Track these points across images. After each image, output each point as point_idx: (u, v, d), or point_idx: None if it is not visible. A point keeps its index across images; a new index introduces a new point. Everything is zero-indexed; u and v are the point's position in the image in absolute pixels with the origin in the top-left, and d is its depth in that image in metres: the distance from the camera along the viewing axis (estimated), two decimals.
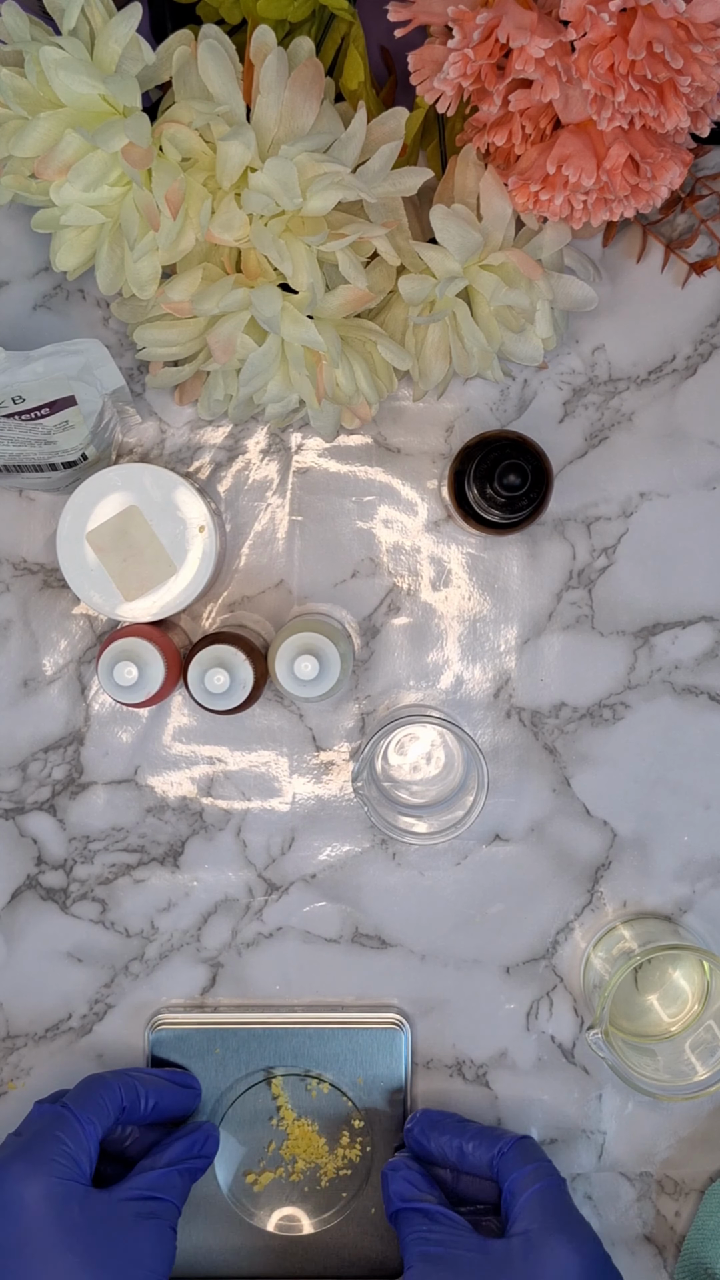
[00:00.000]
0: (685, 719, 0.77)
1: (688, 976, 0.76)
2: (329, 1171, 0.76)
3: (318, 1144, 0.76)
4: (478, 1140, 0.71)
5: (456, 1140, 0.71)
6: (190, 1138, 0.71)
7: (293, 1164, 0.76)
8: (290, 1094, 0.76)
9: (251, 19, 0.65)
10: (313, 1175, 0.76)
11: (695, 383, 0.76)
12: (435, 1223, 0.67)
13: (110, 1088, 0.70)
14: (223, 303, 0.63)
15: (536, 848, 0.77)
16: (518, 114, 0.61)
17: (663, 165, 0.62)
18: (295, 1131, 0.76)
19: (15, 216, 0.75)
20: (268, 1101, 0.76)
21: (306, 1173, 0.76)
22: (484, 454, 0.70)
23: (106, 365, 0.68)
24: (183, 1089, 0.73)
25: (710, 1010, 0.74)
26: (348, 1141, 0.76)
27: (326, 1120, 0.76)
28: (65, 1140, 0.66)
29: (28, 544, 0.76)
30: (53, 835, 0.77)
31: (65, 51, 0.59)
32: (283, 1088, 0.76)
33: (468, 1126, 0.72)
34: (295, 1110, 0.76)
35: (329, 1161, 0.76)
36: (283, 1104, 0.76)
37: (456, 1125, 0.72)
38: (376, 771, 0.76)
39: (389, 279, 0.68)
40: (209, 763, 0.77)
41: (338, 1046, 0.76)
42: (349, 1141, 0.76)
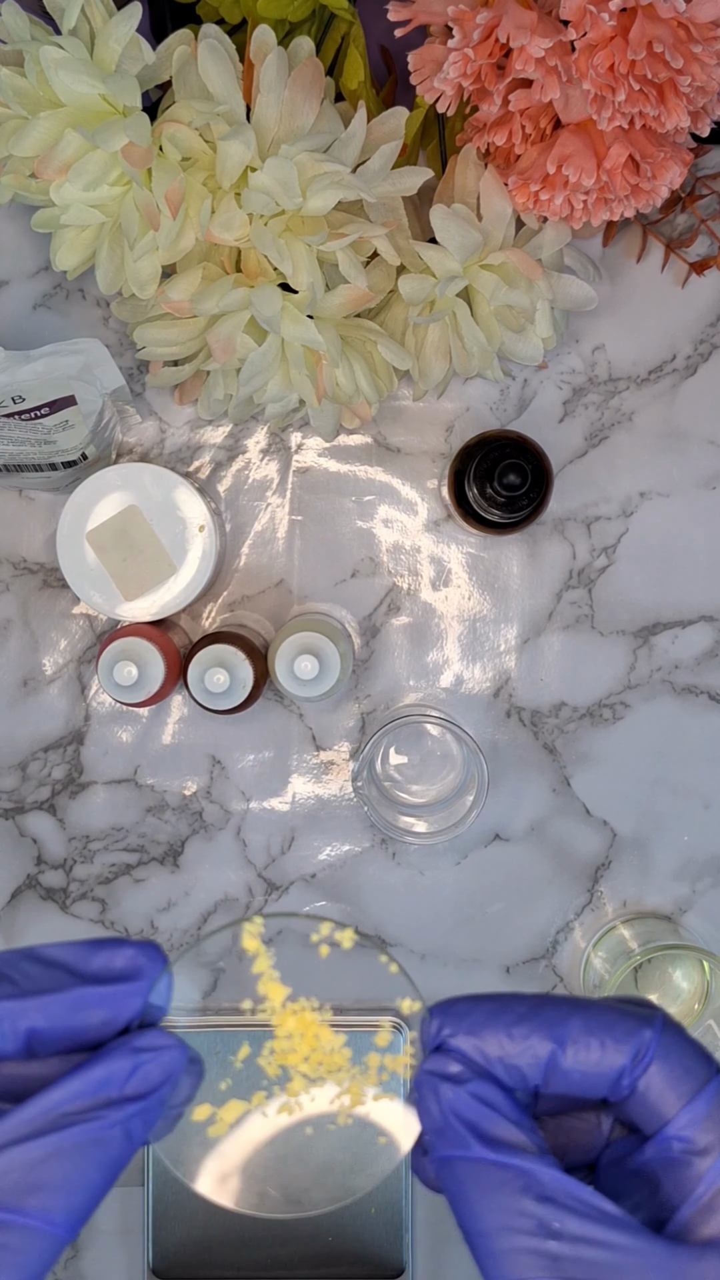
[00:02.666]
0: (685, 719, 0.77)
1: (688, 976, 0.76)
2: (353, 1096, 0.41)
3: (330, 1045, 0.42)
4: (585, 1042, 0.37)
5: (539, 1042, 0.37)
6: (100, 1065, 0.37)
7: (283, 1083, 0.41)
8: (279, 956, 0.43)
9: (251, 19, 0.65)
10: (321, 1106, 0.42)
11: (695, 382, 0.76)
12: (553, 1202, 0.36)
13: None
14: (223, 302, 0.63)
15: (536, 847, 0.77)
16: (518, 114, 0.61)
17: (663, 165, 0.62)
18: (288, 1022, 0.42)
19: (15, 216, 0.75)
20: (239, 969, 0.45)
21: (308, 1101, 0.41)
22: (484, 454, 0.70)
23: (106, 365, 0.68)
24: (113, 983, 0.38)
25: (710, 1010, 0.74)
26: (386, 1042, 0.43)
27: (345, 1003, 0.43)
28: None
29: (28, 544, 0.76)
30: (53, 835, 0.77)
31: (65, 51, 0.59)
32: (266, 943, 0.42)
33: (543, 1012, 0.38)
34: (288, 983, 0.42)
35: (353, 1079, 0.42)
36: (264, 971, 0.42)
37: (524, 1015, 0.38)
38: (376, 771, 0.76)
39: (389, 279, 0.68)
40: (209, 762, 0.77)
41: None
42: (390, 1041, 0.42)
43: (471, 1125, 0.37)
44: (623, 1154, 0.39)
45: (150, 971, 0.38)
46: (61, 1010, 0.37)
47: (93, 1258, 0.77)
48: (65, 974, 0.38)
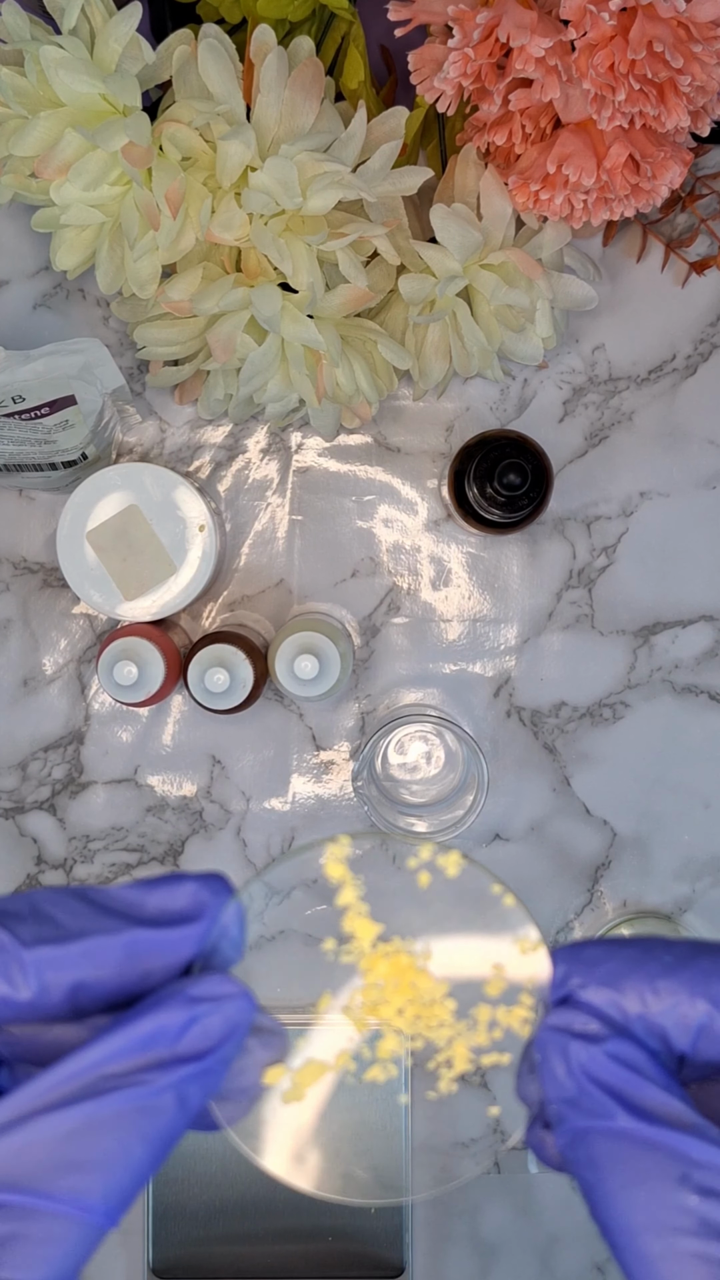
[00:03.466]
0: (685, 718, 0.77)
1: None
2: (458, 1060, 0.34)
3: (430, 995, 0.34)
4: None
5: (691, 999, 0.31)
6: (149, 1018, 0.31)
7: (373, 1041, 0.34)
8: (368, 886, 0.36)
9: (251, 18, 0.65)
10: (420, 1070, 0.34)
11: (695, 382, 0.76)
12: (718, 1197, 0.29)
13: None
14: (223, 302, 0.63)
15: (536, 847, 0.77)
16: (518, 113, 0.61)
17: (663, 164, 0.62)
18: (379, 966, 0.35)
19: (15, 216, 0.75)
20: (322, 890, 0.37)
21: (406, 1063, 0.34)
22: (484, 453, 0.70)
23: (106, 364, 0.68)
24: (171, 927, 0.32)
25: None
26: (498, 991, 0.34)
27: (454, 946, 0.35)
28: None
29: (28, 543, 0.76)
30: (53, 835, 0.77)
31: (65, 51, 0.59)
32: (353, 869, 0.36)
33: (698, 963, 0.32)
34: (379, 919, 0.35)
35: (458, 1037, 0.34)
36: (351, 904, 0.36)
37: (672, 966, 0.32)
38: (376, 771, 0.76)
39: (389, 278, 0.68)
40: (209, 762, 0.77)
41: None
42: (504, 989, 0.34)
43: (613, 1090, 0.30)
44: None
45: (214, 910, 0.32)
46: (111, 958, 0.31)
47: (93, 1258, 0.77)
48: (118, 917, 0.31)
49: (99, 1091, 0.29)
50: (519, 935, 0.34)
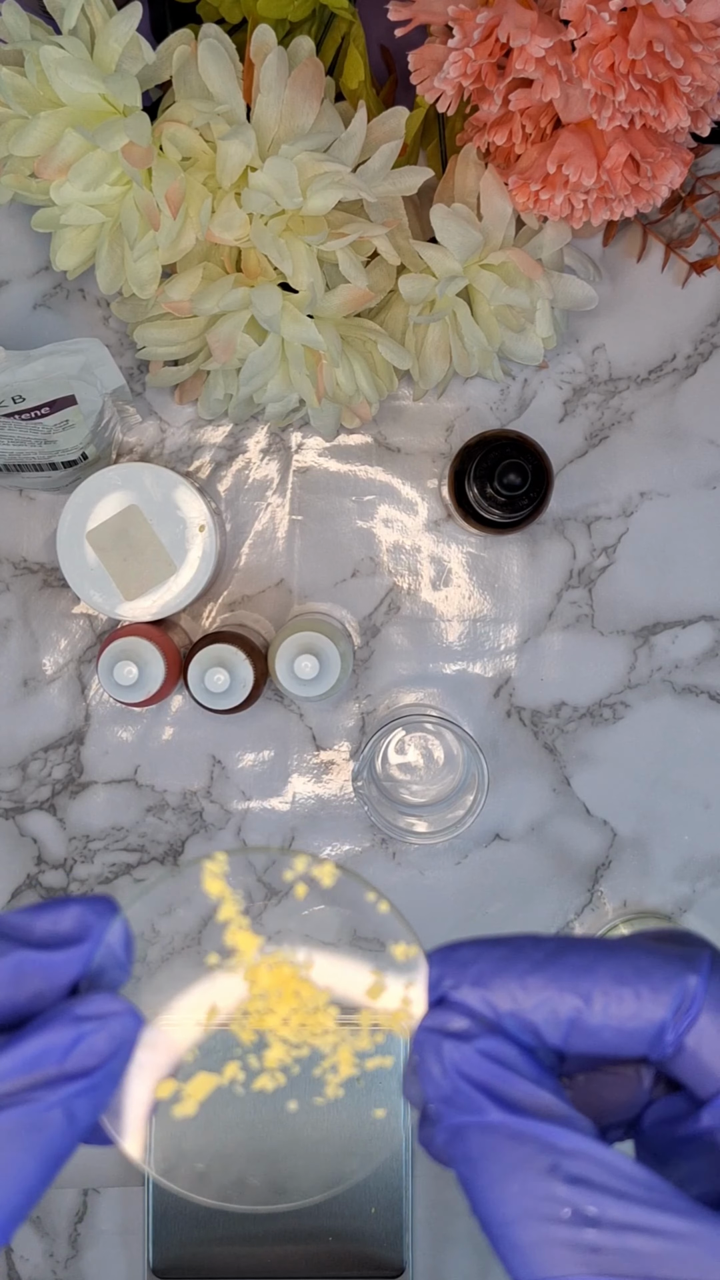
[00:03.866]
0: (685, 719, 0.77)
1: None
2: (343, 1064, 0.35)
3: (313, 1002, 0.35)
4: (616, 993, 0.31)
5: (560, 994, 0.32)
6: (36, 1038, 0.32)
7: (260, 1050, 0.35)
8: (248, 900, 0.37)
9: (251, 18, 0.65)
10: (306, 1076, 0.35)
11: (695, 382, 0.76)
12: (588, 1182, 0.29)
13: None
14: (223, 302, 0.63)
15: (536, 847, 0.77)
16: (518, 113, 0.61)
17: (663, 165, 0.62)
18: (263, 978, 0.35)
19: (15, 216, 0.75)
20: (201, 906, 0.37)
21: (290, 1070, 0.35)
22: (484, 453, 0.70)
23: (106, 364, 0.68)
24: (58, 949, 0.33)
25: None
26: (378, 995, 0.35)
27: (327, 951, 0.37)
28: None
29: (28, 543, 0.76)
30: (53, 834, 0.77)
31: (65, 51, 0.59)
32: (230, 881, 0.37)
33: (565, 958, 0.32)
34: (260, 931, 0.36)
35: (342, 1042, 0.35)
36: (232, 918, 0.37)
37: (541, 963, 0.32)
38: (376, 771, 0.76)
39: (389, 278, 0.68)
40: (209, 762, 0.77)
41: None
42: (377, 986, 0.35)
43: (484, 1086, 0.31)
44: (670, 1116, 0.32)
45: (100, 931, 0.33)
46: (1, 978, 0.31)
47: (93, 1258, 0.77)
48: (4, 940, 0.32)
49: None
50: (395, 941, 0.35)
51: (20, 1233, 0.77)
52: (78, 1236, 0.77)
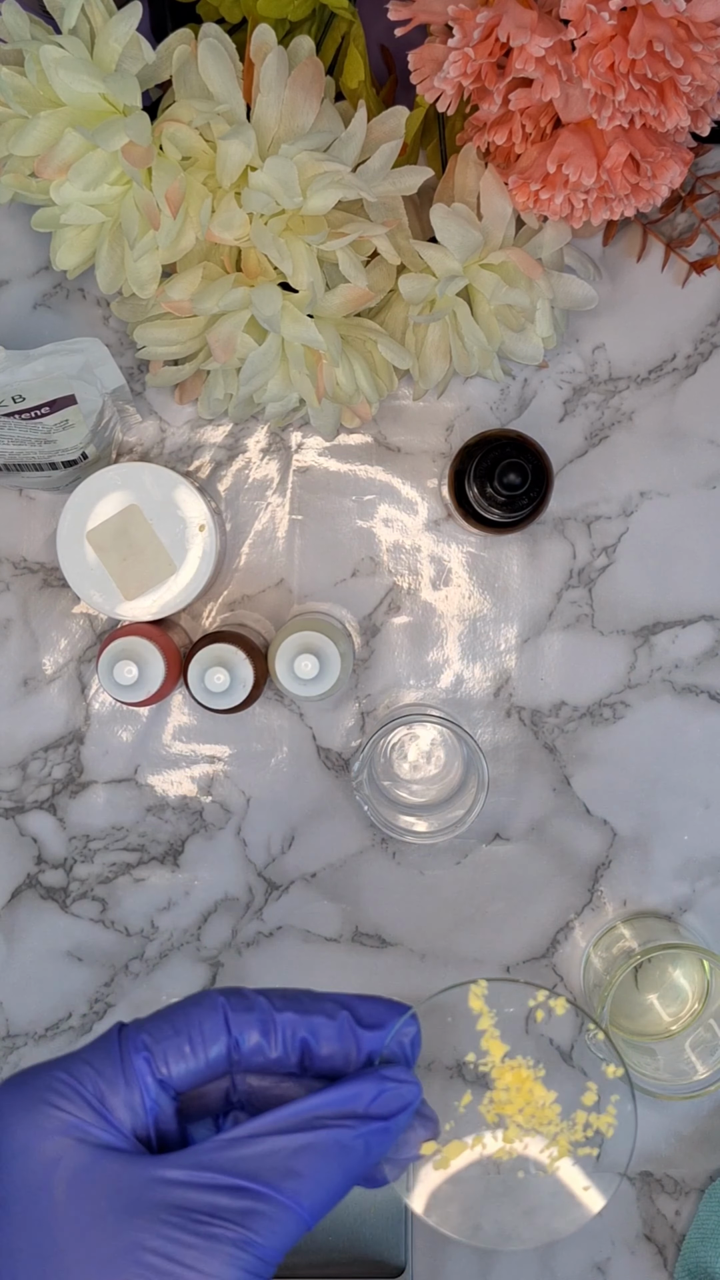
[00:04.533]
0: (685, 718, 0.77)
1: (688, 975, 0.76)
2: (561, 1148, 0.46)
3: (542, 1100, 0.46)
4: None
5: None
6: (351, 1086, 0.43)
7: (500, 1130, 0.47)
8: (499, 1012, 0.47)
9: (251, 18, 0.65)
10: (530, 1160, 0.47)
11: (695, 382, 0.76)
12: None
13: (211, 1008, 0.43)
14: (223, 302, 0.63)
15: (536, 847, 0.77)
16: (518, 113, 0.61)
17: (663, 164, 0.62)
18: (506, 1076, 0.47)
19: (15, 215, 0.75)
20: (465, 1016, 0.47)
21: (520, 1148, 0.47)
22: (484, 453, 0.70)
23: (106, 364, 0.68)
24: (367, 1029, 0.44)
25: (710, 1009, 0.74)
26: (593, 1101, 0.47)
27: (555, 1062, 0.48)
28: (72, 1077, 0.41)
29: (28, 543, 0.76)
30: (53, 834, 0.77)
31: (65, 50, 0.59)
32: (489, 1003, 0.47)
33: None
34: (507, 1042, 0.47)
35: (561, 1133, 0.46)
36: (487, 1029, 0.47)
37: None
38: (376, 770, 0.76)
39: (389, 278, 0.68)
40: (209, 762, 0.77)
41: None
42: (596, 1101, 0.47)
43: None
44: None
45: (393, 1024, 0.44)
46: (330, 1033, 0.43)
47: None
48: (344, 1011, 0.44)
49: (314, 1127, 0.41)
50: (607, 1063, 0.47)
51: None
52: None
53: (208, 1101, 0.45)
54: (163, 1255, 0.38)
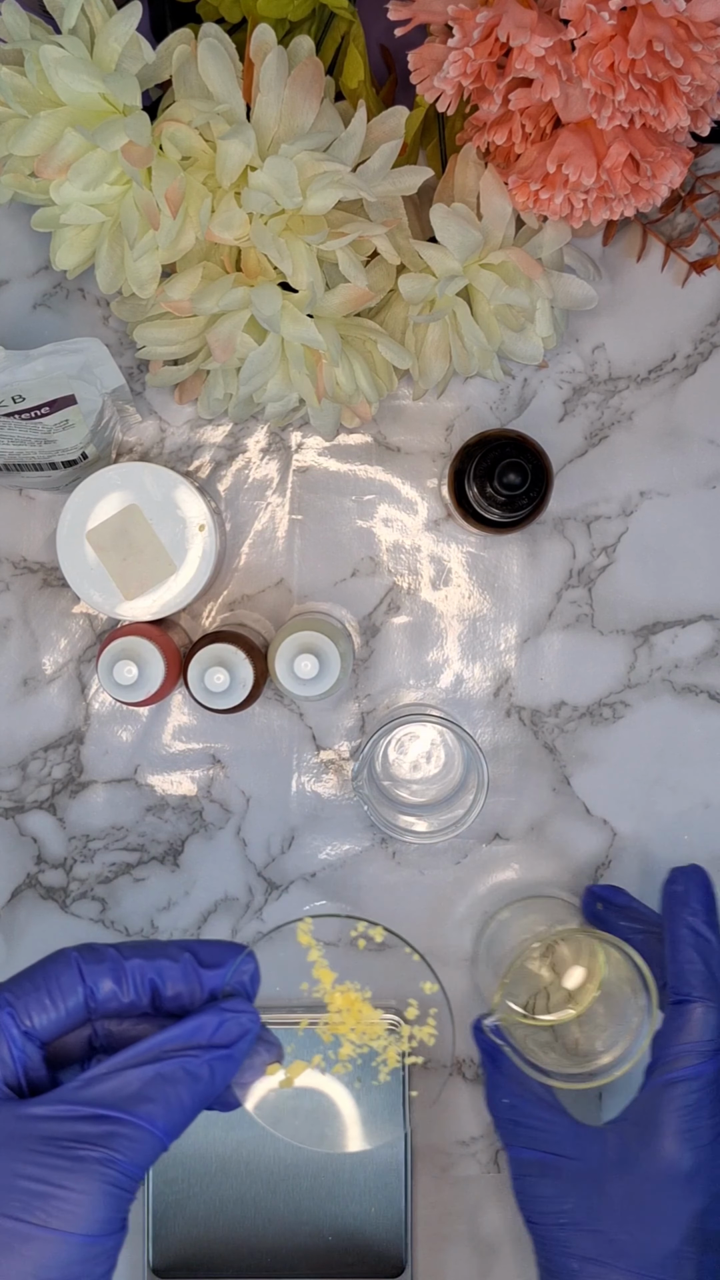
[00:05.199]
0: (685, 718, 0.77)
1: (585, 960, 0.74)
2: (391, 1059, 0.55)
3: (370, 1018, 0.54)
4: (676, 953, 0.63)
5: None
6: (194, 1020, 0.48)
7: (335, 1048, 0.55)
8: (326, 947, 0.55)
9: (251, 18, 0.65)
10: (366, 1066, 0.55)
11: (695, 382, 0.76)
12: (519, 1122, 0.62)
13: (65, 963, 0.49)
14: (222, 301, 0.63)
15: (536, 847, 0.77)
16: (518, 113, 0.61)
17: (663, 164, 0.62)
18: (337, 1000, 0.55)
19: (15, 215, 0.75)
20: (297, 950, 0.55)
21: (357, 1062, 0.55)
22: (484, 453, 0.70)
23: (106, 364, 0.68)
24: (207, 969, 0.50)
25: (605, 994, 0.72)
26: (415, 1015, 0.55)
27: (383, 985, 0.56)
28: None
29: (28, 543, 0.76)
30: (52, 834, 0.77)
31: (65, 50, 0.59)
32: (316, 937, 0.55)
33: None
34: (335, 970, 0.55)
35: (391, 1045, 0.55)
36: (316, 960, 0.55)
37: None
38: (376, 770, 0.76)
39: (389, 278, 0.68)
40: (209, 761, 0.77)
41: None
42: (418, 1015, 0.55)
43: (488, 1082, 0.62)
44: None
45: (233, 963, 0.50)
46: (175, 975, 0.49)
47: None
48: (186, 954, 0.50)
49: (163, 1059, 0.47)
50: (424, 980, 0.55)
51: None
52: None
53: (73, 1048, 0.50)
54: (37, 1180, 0.44)
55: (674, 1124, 0.61)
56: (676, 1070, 0.61)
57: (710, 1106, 0.61)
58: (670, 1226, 0.61)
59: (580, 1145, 0.63)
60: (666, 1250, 0.61)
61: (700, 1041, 0.62)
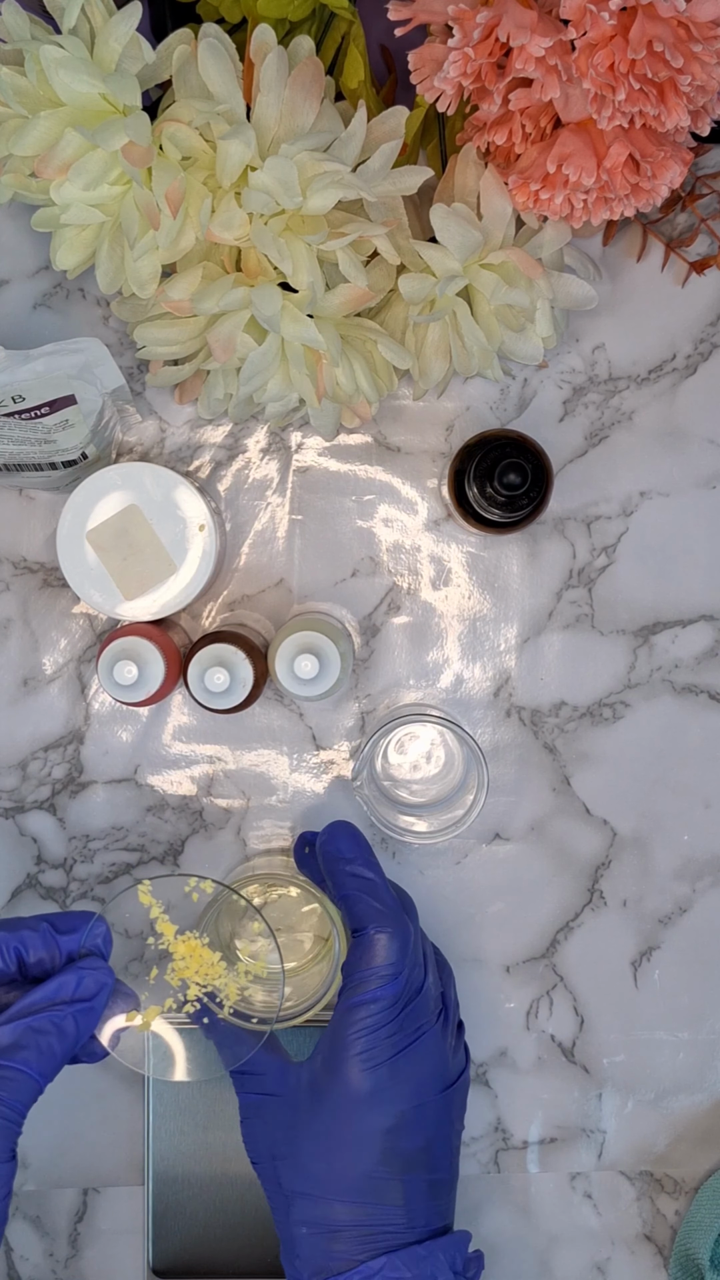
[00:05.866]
0: (685, 718, 0.77)
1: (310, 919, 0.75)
2: (231, 995, 0.64)
3: (210, 960, 0.63)
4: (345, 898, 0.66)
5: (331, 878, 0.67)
6: (56, 980, 0.57)
7: (184, 990, 0.63)
8: (165, 901, 0.63)
9: (251, 18, 0.65)
10: (209, 1008, 0.64)
11: (695, 381, 0.76)
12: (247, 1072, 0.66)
13: None
14: (223, 301, 0.63)
15: (536, 847, 0.77)
16: (518, 113, 0.61)
17: (663, 164, 0.62)
18: (180, 949, 0.63)
19: (15, 215, 0.75)
20: (140, 910, 0.63)
21: (206, 1002, 0.63)
22: (484, 453, 0.70)
23: (106, 364, 0.68)
24: (63, 934, 0.59)
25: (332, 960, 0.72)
26: (249, 952, 0.68)
27: (214, 930, 0.66)
28: None
29: (28, 543, 0.76)
30: (53, 834, 0.77)
31: (65, 50, 0.59)
32: (156, 896, 0.63)
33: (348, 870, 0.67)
34: (175, 923, 0.63)
35: (230, 983, 0.63)
36: (158, 915, 0.63)
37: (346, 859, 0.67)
38: (376, 770, 0.76)
39: (389, 278, 0.68)
40: (209, 761, 0.77)
41: None
42: (252, 951, 0.68)
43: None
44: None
45: (85, 928, 0.59)
46: (36, 942, 0.58)
47: (93, 1257, 0.77)
48: (43, 924, 0.59)
49: (33, 1013, 0.56)
50: (253, 920, 0.67)
51: (20, 1232, 0.77)
52: (78, 1236, 0.77)
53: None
54: None
55: (355, 1047, 0.64)
56: (359, 994, 0.64)
57: (389, 1029, 0.64)
58: (360, 1149, 0.64)
59: (285, 1081, 0.66)
60: (361, 1173, 0.63)
61: (381, 965, 0.64)
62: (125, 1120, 0.77)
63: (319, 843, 0.68)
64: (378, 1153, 0.64)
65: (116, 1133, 0.77)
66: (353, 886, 0.66)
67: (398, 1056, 0.64)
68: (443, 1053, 0.67)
